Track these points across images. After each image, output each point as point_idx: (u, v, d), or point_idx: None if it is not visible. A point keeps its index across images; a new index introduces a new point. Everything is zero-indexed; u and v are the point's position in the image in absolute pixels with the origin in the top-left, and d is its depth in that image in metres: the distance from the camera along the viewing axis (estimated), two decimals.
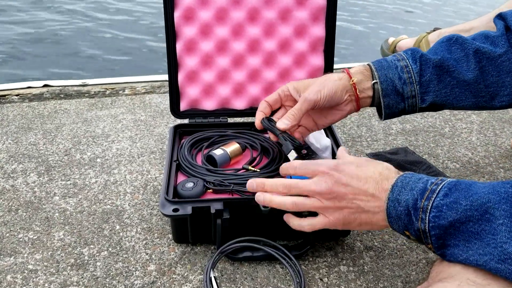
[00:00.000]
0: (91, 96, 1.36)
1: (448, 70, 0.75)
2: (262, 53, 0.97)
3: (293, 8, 0.95)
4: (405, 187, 0.57)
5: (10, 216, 0.85)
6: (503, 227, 0.48)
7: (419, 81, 0.76)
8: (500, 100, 0.75)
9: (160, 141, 1.11)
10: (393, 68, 0.76)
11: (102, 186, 0.94)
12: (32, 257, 0.76)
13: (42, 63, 2.98)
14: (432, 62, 0.75)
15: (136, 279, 0.72)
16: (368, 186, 0.60)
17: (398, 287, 0.72)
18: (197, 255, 0.77)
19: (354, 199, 0.60)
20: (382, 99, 0.76)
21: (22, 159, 1.03)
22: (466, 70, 0.74)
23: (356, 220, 0.62)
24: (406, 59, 0.77)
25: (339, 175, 0.61)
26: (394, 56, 0.78)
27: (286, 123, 0.76)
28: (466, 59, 0.75)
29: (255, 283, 0.72)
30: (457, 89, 0.76)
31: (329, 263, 0.76)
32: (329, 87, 0.75)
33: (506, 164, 1.06)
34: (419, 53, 0.77)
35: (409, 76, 0.75)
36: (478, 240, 0.50)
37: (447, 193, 0.53)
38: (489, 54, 0.73)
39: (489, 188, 0.51)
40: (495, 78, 0.74)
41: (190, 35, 0.93)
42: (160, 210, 0.72)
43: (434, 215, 0.53)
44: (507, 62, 0.73)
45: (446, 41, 0.77)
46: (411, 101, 0.77)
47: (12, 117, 1.22)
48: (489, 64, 0.74)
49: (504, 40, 0.74)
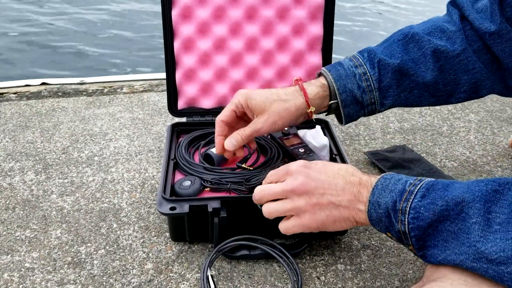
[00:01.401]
0: (89, 94, 1.36)
1: (408, 73, 0.74)
2: (260, 52, 0.97)
3: (291, 7, 0.95)
4: (385, 189, 0.57)
5: (7, 214, 0.85)
6: (476, 225, 0.48)
7: (378, 87, 0.74)
8: (457, 97, 0.76)
9: (157, 140, 1.11)
10: (351, 77, 0.74)
11: (100, 184, 0.94)
12: (29, 255, 0.76)
13: (41, 62, 2.97)
14: (391, 67, 0.74)
15: (133, 278, 0.72)
16: (337, 181, 0.61)
17: (395, 285, 0.72)
18: (194, 254, 0.77)
19: (325, 193, 0.61)
20: (342, 109, 0.75)
21: (19, 157, 1.03)
22: (425, 72, 0.73)
23: (329, 217, 0.61)
24: (364, 64, 0.75)
25: (308, 171, 0.63)
26: (350, 61, 0.76)
27: (234, 144, 0.75)
28: (424, 60, 0.73)
29: (252, 281, 0.72)
30: (416, 91, 0.75)
31: (326, 261, 0.76)
32: (285, 120, 0.73)
33: (504, 163, 1.06)
34: (377, 56, 0.74)
35: (368, 84, 0.74)
36: (454, 240, 0.50)
37: (425, 194, 0.53)
38: (447, 53, 0.72)
39: (464, 187, 0.51)
40: (452, 76, 0.74)
41: (188, 34, 0.93)
42: (157, 209, 0.72)
43: (412, 217, 0.53)
44: (465, 61, 0.73)
45: (402, 39, 0.76)
46: (371, 108, 0.76)
47: (9, 115, 1.22)
48: (447, 63, 0.73)
49: (461, 36, 0.72)
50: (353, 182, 0.60)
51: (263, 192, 0.66)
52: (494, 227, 0.47)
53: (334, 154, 0.88)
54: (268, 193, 0.65)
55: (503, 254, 0.46)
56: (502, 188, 0.49)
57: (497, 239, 0.46)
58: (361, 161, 1.05)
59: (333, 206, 0.61)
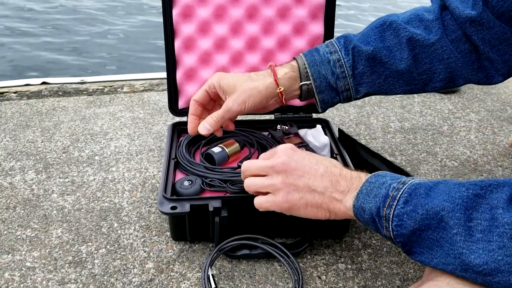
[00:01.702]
0: (89, 93, 1.36)
1: (381, 61, 0.74)
2: (261, 51, 0.97)
3: (292, 6, 0.95)
4: (369, 194, 0.57)
5: (8, 214, 0.85)
6: (457, 236, 0.48)
7: (352, 74, 0.75)
8: (432, 86, 0.76)
9: (158, 139, 1.11)
10: (325, 63, 0.75)
11: (100, 183, 0.94)
12: (30, 255, 0.76)
13: (40, 61, 2.97)
14: (365, 54, 0.75)
15: (134, 277, 0.72)
16: (318, 168, 0.62)
17: (396, 284, 0.72)
18: (195, 253, 0.77)
19: (303, 176, 0.62)
20: (317, 95, 0.76)
21: (20, 157, 1.03)
22: (399, 60, 0.74)
23: (301, 199, 0.62)
24: (339, 50, 0.76)
25: (293, 153, 0.65)
26: (326, 47, 0.77)
27: (207, 128, 0.76)
28: (399, 47, 0.74)
29: (253, 280, 0.72)
30: (390, 78, 0.75)
31: (327, 261, 0.76)
32: (254, 98, 0.74)
33: (504, 163, 1.06)
34: (352, 43, 0.75)
35: (342, 70, 0.75)
36: (439, 248, 0.50)
37: (407, 200, 0.53)
38: (423, 42, 0.72)
39: (445, 194, 0.50)
40: (427, 65, 0.74)
41: (189, 33, 0.93)
42: (158, 208, 0.72)
43: (396, 224, 0.53)
44: (440, 50, 0.72)
45: (379, 26, 0.76)
46: (346, 94, 0.77)
47: (10, 115, 1.22)
48: (422, 52, 0.73)
49: (438, 25, 0.72)
50: (334, 172, 0.62)
51: (247, 165, 0.68)
52: (476, 236, 0.47)
53: (335, 154, 0.88)
54: (251, 167, 0.67)
55: (487, 267, 0.46)
56: (484, 192, 0.48)
57: (480, 249, 0.46)
58: None
59: (308, 189, 0.61)
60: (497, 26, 0.67)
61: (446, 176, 1.00)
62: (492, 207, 0.47)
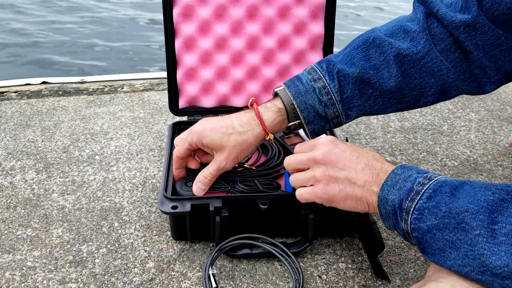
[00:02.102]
0: (89, 93, 1.36)
1: (369, 82, 0.70)
2: (261, 51, 0.97)
3: (292, 6, 0.95)
4: (394, 186, 0.57)
5: (9, 213, 0.85)
6: (479, 238, 0.48)
7: (340, 100, 0.71)
8: (425, 101, 0.73)
9: (158, 139, 1.11)
10: (310, 92, 0.71)
11: (101, 183, 0.94)
12: (30, 254, 0.76)
13: (40, 60, 2.97)
14: (351, 78, 0.70)
15: (134, 276, 0.72)
16: (360, 161, 0.61)
17: (396, 284, 0.72)
18: (195, 252, 0.77)
19: (344, 169, 0.61)
20: (306, 126, 0.72)
21: (20, 156, 1.03)
22: (388, 78, 0.70)
23: (341, 192, 0.61)
24: (323, 77, 0.71)
25: (334, 145, 0.64)
26: (309, 74, 0.72)
27: (202, 188, 0.74)
28: (386, 65, 0.70)
29: (254, 280, 0.72)
30: (380, 99, 0.72)
31: (327, 260, 0.76)
32: (246, 152, 0.73)
33: (504, 162, 1.06)
34: (335, 67, 0.71)
35: (329, 98, 0.71)
36: (454, 250, 0.50)
37: (431, 196, 0.53)
38: (411, 56, 0.69)
39: (470, 196, 0.50)
40: (418, 80, 0.70)
41: (189, 33, 0.93)
42: (159, 208, 0.72)
43: (415, 217, 0.53)
44: (430, 63, 0.69)
45: (362, 45, 0.72)
46: (336, 121, 0.73)
47: (10, 114, 1.22)
48: (411, 67, 0.69)
49: (425, 36, 0.68)
50: (375, 166, 0.61)
51: (290, 159, 0.68)
52: (499, 239, 0.47)
53: None
54: (293, 160, 0.67)
55: (507, 269, 0.46)
56: (510, 197, 0.48)
57: (502, 252, 0.46)
58: None
59: (348, 182, 0.61)
60: (492, 31, 0.64)
61: (446, 176, 1.00)
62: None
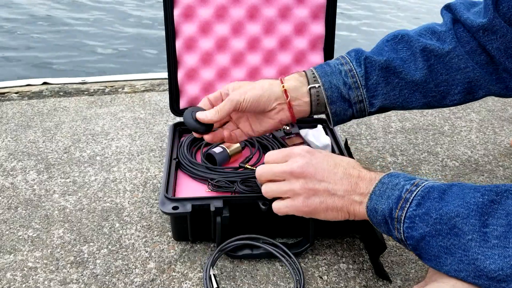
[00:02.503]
0: (90, 94, 1.36)
1: (395, 71, 0.71)
2: (261, 51, 0.97)
3: (293, 6, 0.95)
4: (382, 196, 0.57)
5: (10, 214, 0.85)
6: (472, 242, 0.48)
7: (365, 85, 0.72)
8: (451, 99, 0.72)
9: (159, 139, 1.11)
10: (336, 74, 0.72)
11: (102, 184, 0.94)
12: (31, 255, 0.76)
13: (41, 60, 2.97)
14: (378, 64, 0.71)
15: (135, 277, 0.72)
16: (337, 171, 0.61)
17: (398, 285, 0.72)
18: (196, 253, 0.77)
19: (323, 180, 0.61)
20: (328, 106, 0.72)
21: (21, 157, 1.03)
22: (414, 70, 0.71)
23: (322, 204, 0.61)
24: (350, 62, 0.72)
25: (310, 156, 0.63)
26: (337, 60, 0.74)
27: (206, 115, 0.71)
28: (413, 58, 0.71)
29: (255, 280, 0.72)
30: (406, 90, 0.72)
31: (328, 261, 0.76)
32: (254, 91, 0.71)
33: (505, 163, 1.06)
34: (363, 54, 0.73)
35: (354, 80, 0.71)
36: (449, 255, 0.50)
37: (420, 202, 0.53)
38: (437, 51, 0.70)
39: (459, 199, 0.50)
40: (444, 76, 0.71)
41: (190, 33, 0.93)
42: (160, 208, 0.72)
43: (407, 226, 0.53)
44: (456, 59, 0.70)
45: (391, 40, 0.73)
46: (359, 106, 0.73)
47: (11, 115, 1.22)
48: (437, 62, 0.70)
49: (451, 35, 0.70)
50: (353, 174, 0.61)
51: (263, 171, 0.66)
52: (492, 242, 0.47)
53: (336, 154, 0.88)
54: (267, 172, 0.66)
55: (502, 273, 0.46)
56: (500, 197, 0.48)
57: (495, 255, 0.46)
58: (362, 161, 1.05)
59: (328, 194, 0.61)
60: (510, 33, 0.64)
61: (447, 176, 1.00)
62: (508, 213, 0.47)
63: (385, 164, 1.04)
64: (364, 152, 1.08)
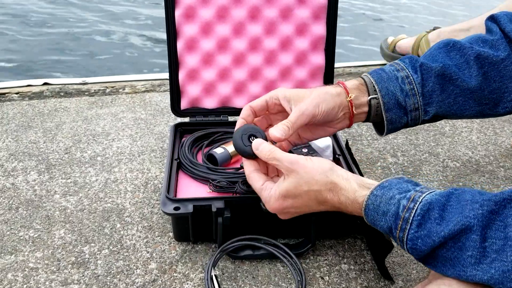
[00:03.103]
0: (91, 94, 1.36)
1: (451, 78, 0.70)
2: (263, 52, 0.97)
3: (294, 7, 0.95)
4: (377, 211, 0.56)
5: (11, 214, 0.85)
6: (471, 259, 0.48)
7: (421, 92, 0.71)
8: (504, 106, 0.72)
9: (160, 140, 1.11)
10: (393, 80, 0.71)
11: (103, 184, 0.94)
12: (32, 255, 0.76)
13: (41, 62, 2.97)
14: (434, 71, 0.70)
15: (137, 277, 0.72)
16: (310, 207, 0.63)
17: (399, 285, 0.72)
18: (198, 254, 0.77)
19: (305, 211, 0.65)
20: (384, 113, 0.71)
21: (22, 157, 1.03)
22: (469, 77, 0.70)
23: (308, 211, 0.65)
24: (406, 68, 0.72)
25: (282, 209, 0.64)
26: (392, 66, 0.73)
27: (280, 133, 0.65)
28: (467, 66, 0.71)
29: (256, 281, 0.72)
30: (460, 98, 0.71)
31: (330, 261, 0.76)
32: (328, 102, 0.68)
33: (506, 163, 1.06)
34: (418, 61, 0.72)
35: (411, 87, 0.71)
36: (452, 267, 0.50)
37: (420, 223, 0.52)
38: (491, 59, 0.69)
39: (459, 214, 0.50)
40: (498, 83, 0.70)
41: (191, 34, 0.93)
42: (161, 209, 0.72)
43: (410, 247, 0.53)
44: (510, 67, 0.69)
45: (443, 47, 0.73)
46: (414, 114, 0.72)
47: (12, 115, 1.22)
48: (491, 70, 0.70)
49: (504, 43, 0.70)
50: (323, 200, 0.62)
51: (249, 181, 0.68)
52: (491, 256, 0.47)
53: (337, 155, 0.89)
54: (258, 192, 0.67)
55: (502, 287, 0.46)
56: (498, 207, 0.48)
57: (492, 269, 0.47)
58: (363, 161, 1.05)
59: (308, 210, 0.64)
60: None
61: (448, 177, 1.00)
62: (506, 225, 0.47)
63: (386, 164, 1.04)
64: (365, 152, 1.08)
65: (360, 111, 0.71)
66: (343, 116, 0.71)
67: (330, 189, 0.60)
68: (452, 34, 1.39)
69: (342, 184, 0.60)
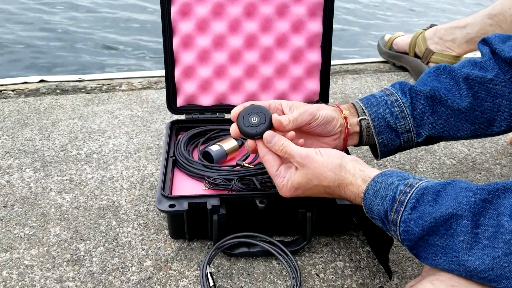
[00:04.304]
0: (87, 91, 1.36)
1: (440, 100, 0.72)
2: (259, 49, 0.97)
3: (290, 4, 0.95)
4: (376, 196, 0.58)
5: (6, 212, 0.85)
6: (463, 244, 0.49)
7: (411, 114, 0.72)
8: (498, 126, 0.72)
9: (156, 137, 1.11)
10: (382, 104, 0.73)
11: (99, 181, 0.94)
12: (28, 253, 0.76)
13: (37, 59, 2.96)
14: (423, 94, 0.72)
15: (132, 275, 0.72)
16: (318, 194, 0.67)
17: (394, 282, 0.72)
18: (193, 251, 0.77)
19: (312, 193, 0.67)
20: (376, 136, 0.73)
21: (18, 155, 1.03)
22: (459, 98, 0.72)
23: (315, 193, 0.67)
24: (395, 93, 0.74)
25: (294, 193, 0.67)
26: (382, 92, 0.75)
27: (285, 119, 0.67)
28: (457, 87, 0.72)
29: (252, 278, 0.72)
30: (452, 119, 0.72)
31: (325, 258, 0.76)
32: (327, 110, 0.71)
33: (503, 160, 1.06)
34: (408, 85, 0.74)
35: (400, 110, 0.72)
36: (443, 255, 0.51)
37: (414, 206, 0.53)
38: (480, 79, 0.71)
39: (452, 199, 0.51)
40: (490, 103, 0.71)
41: (187, 31, 0.93)
42: (157, 206, 0.72)
43: (403, 230, 0.54)
44: (500, 85, 0.70)
45: (433, 72, 0.75)
46: (407, 136, 0.73)
47: (8, 113, 1.21)
48: (481, 90, 0.71)
49: (492, 63, 0.71)
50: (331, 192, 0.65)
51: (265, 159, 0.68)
52: (483, 243, 0.48)
53: None
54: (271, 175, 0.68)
55: (492, 273, 0.47)
56: (491, 196, 0.49)
57: (485, 255, 0.47)
58: (360, 159, 1.04)
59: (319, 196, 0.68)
60: None
61: (444, 174, 1.00)
62: (499, 214, 0.47)
63: (382, 162, 1.04)
64: (362, 150, 1.08)
65: (353, 130, 0.73)
66: (339, 132, 0.73)
67: (338, 185, 0.63)
68: (449, 31, 1.39)
69: (349, 180, 0.63)
